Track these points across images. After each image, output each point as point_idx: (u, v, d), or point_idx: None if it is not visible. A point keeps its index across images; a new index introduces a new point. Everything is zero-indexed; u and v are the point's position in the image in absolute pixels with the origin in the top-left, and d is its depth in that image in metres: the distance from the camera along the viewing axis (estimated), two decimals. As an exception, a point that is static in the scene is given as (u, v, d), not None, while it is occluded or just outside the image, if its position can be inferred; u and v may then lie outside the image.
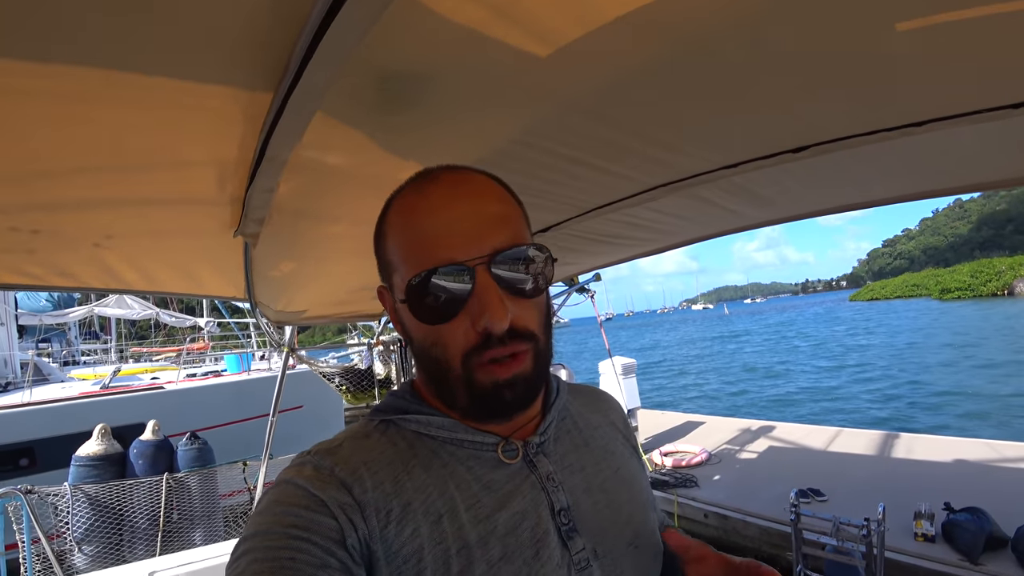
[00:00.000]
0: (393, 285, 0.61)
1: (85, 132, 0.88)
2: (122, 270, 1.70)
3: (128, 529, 4.61)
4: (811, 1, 0.66)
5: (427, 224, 0.56)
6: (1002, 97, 0.87)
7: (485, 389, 0.56)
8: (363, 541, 0.52)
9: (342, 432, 0.62)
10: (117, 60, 0.69)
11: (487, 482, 0.58)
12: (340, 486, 0.53)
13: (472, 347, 0.55)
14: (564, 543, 0.57)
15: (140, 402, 7.54)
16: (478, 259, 0.54)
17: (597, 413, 0.75)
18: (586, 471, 0.65)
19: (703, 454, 6.93)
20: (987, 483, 5.38)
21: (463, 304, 0.54)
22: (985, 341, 26.14)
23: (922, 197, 1.48)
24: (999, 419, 12.02)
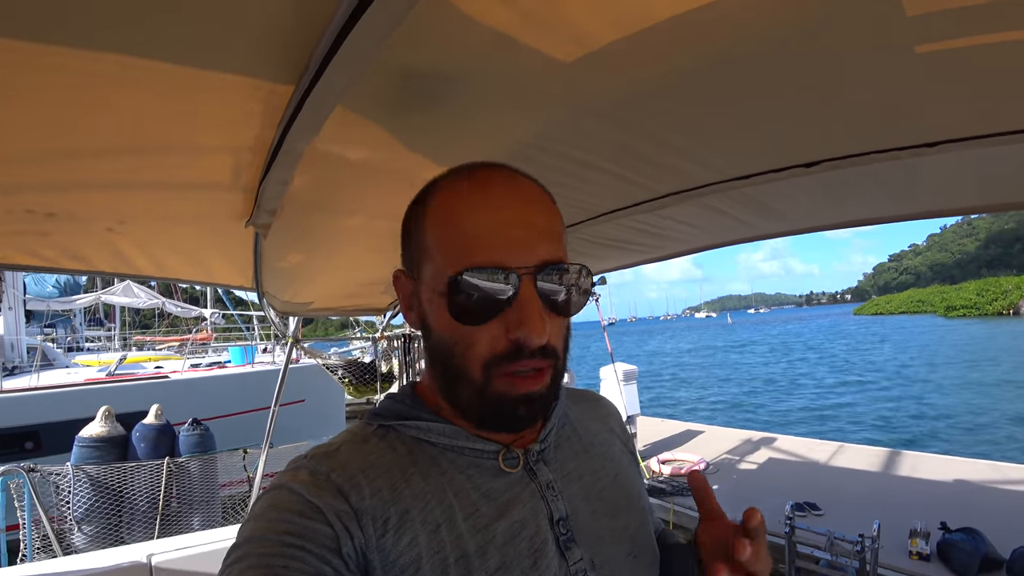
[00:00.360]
0: (422, 273, 0.58)
1: (104, 116, 0.89)
2: (133, 255, 1.72)
3: (127, 511, 4.64)
4: (833, 24, 0.67)
5: (478, 220, 0.54)
6: (1014, 122, 0.88)
7: (500, 401, 0.54)
8: (359, 550, 0.51)
9: (339, 436, 0.61)
10: (140, 47, 0.70)
11: (486, 491, 0.57)
12: (336, 493, 0.52)
13: (497, 355, 0.53)
14: (562, 553, 0.57)
15: (146, 390, 7.64)
16: (526, 268, 0.53)
17: (596, 420, 0.74)
18: (585, 479, 0.64)
19: (701, 463, 6.92)
20: (984, 504, 5.36)
21: (501, 310, 0.53)
22: (989, 360, 25.97)
23: (930, 216, 1.48)
24: (998, 439, 11.97)
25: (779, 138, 1.07)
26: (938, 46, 0.68)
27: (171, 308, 13.81)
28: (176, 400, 7.46)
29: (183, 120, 0.94)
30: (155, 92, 0.83)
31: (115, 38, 0.67)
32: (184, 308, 14.22)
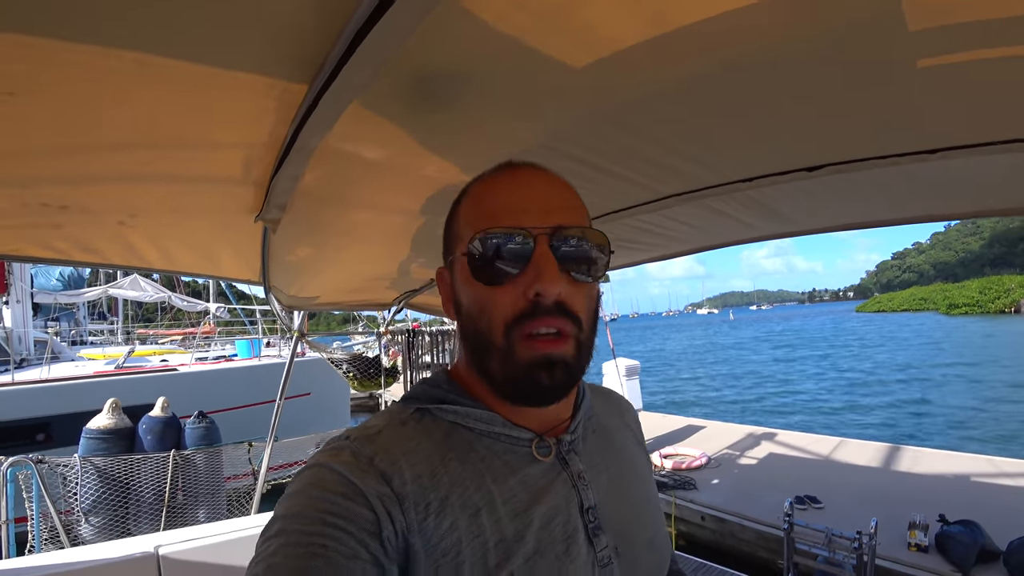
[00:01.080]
0: (455, 256, 0.62)
1: (120, 111, 0.91)
2: (143, 248, 1.74)
3: (134, 502, 4.69)
4: (840, 37, 0.69)
5: (500, 196, 0.59)
6: (1010, 132, 0.90)
7: (522, 367, 0.55)
8: (400, 534, 0.51)
9: (377, 418, 0.62)
10: (159, 45, 0.71)
11: (523, 476, 0.58)
12: (379, 477, 0.53)
13: (518, 314, 0.55)
14: (590, 540, 0.58)
15: (154, 382, 7.74)
16: (541, 228, 0.56)
17: (614, 415, 0.77)
18: (610, 471, 0.66)
19: (703, 458, 6.97)
20: (982, 497, 5.42)
21: (520, 269, 0.55)
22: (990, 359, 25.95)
23: (929, 220, 1.50)
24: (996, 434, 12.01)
25: (783, 143, 1.08)
26: (938, 60, 0.71)
27: (177, 302, 13.80)
28: (184, 393, 7.55)
29: (197, 116, 0.96)
30: (171, 89, 0.84)
31: (134, 35, 0.68)
32: (190, 302, 14.21)
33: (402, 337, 3.87)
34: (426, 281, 2.93)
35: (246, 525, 2.25)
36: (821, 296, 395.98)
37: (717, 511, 5.51)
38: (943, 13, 0.63)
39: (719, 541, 5.38)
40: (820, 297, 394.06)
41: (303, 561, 0.45)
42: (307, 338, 3.47)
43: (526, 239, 0.55)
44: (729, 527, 5.34)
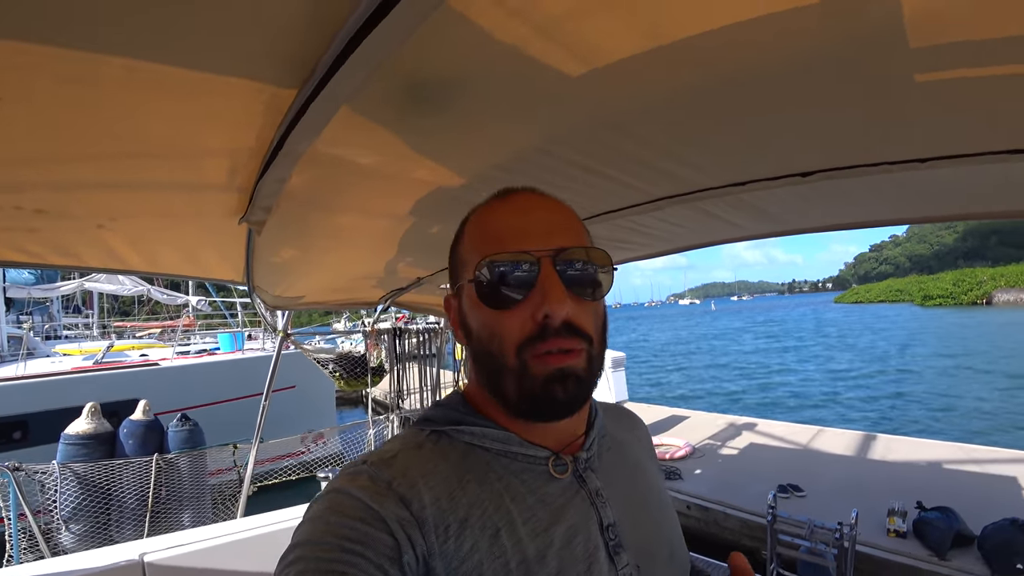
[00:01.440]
0: (462, 283, 0.63)
1: (101, 116, 0.88)
2: (124, 251, 1.70)
3: (116, 508, 4.60)
4: (838, 51, 0.69)
5: (503, 222, 0.61)
6: (1000, 143, 0.92)
7: (537, 382, 0.56)
8: (421, 558, 0.51)
9: (393, 442, 0.62)
10: (148, 50, 0.69)
11: (541, 495, 0.58)
12: (398, 501, 0.53)
13: (528, 337, 0.56)
14: (611, 558, 0.58)
15: (135, 378, 7.57)
16: (544, 251, 0.57)
17: (626, 431, 0.77)
18: (627, 488, 0.66)
19: (687, 448, 7.06)
20: (958, 484, 5.57)
21: (526, 293, 0.56)
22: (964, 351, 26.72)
23: (919, 222, 1.53)
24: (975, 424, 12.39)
25: (778, 150, 1.09)
26: (935, 76, 0.71)
27: (156, 295, 13.42)
28: (166, 388, 7.43)
29: (185, 122, 0.93)
30: (160, 94, 0.82)
31: (126, 42, 0.66)
32: (170, 295, 13.82)
33: (387, 335, 3.84)
34: (412, 280, 2.91)
35: (232, 530, 2.21)
36: (800, 287, 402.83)
37: (702, 500, 5.58)
38: (943, 32, 0.64)
39: (704, 530, 5.46)
40: (800, 288, 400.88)
41: None
42: (292, 337, 3.43)
43: (531, 262, 0.57)
44: (713, 515, 5.43)
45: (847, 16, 0.63)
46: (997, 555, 3.86)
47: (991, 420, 12.74)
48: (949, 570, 3.99)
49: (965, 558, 4.06)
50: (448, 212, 1.57)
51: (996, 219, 1.39)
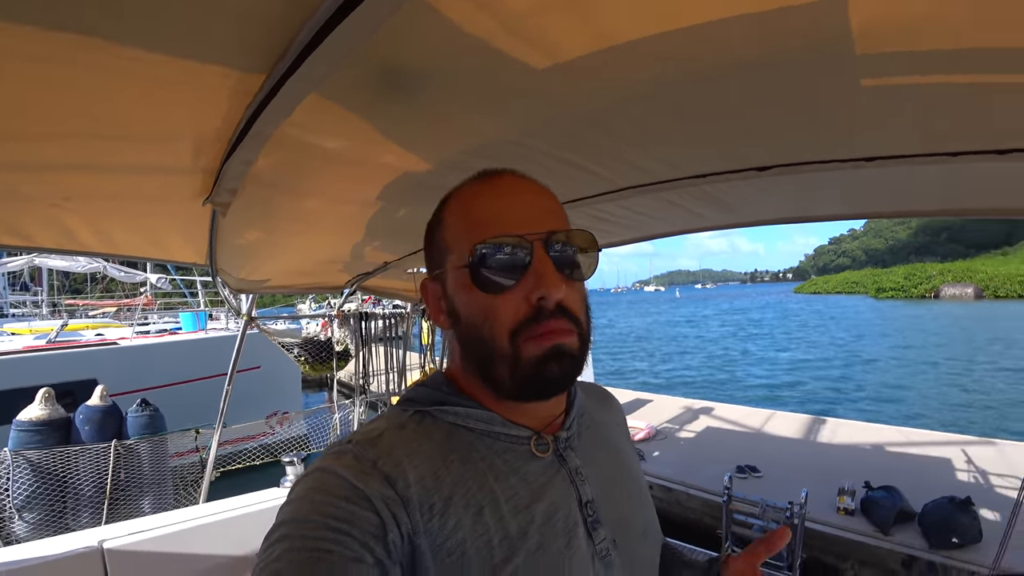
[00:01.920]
0: (447, 265, 0.63)
1: (60, 96, 0.86)
2: (80, 231, 1.64)
3: (72, 496, 4.46)
4: (791, 54, 0.73)
5: (491, 205, 0.61)
6: (941, 146, 0.99)
7: (531, 363, 0.57)
8: (406, 536, 0.52)
9: (377, 422, 0.62)
10: (109, 32, 0.68)
11: (523, 474, 0.59)
12: (383, 480, 0.53)
13: (522, 320, 0.57)
14: (589, 534, 0.60)
15: (93, 357, 7.22)
16: (537, 234, 0.58)
17: (602, 409, 0.78)
18: (604, 466, 0.68)
19: (649, 430, 7.25)
20: (902, 464, 5.94)
21: (520, 276, 0.57)
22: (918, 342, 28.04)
23: (867, 217, 1.63)
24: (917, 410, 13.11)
25: (737, 145, 1.14)
26: (880, 81, 0.76)
27: (113, 272, 12.63)
28: (126, 368, 7.15)
29: (146, 103, 0.91)
30: (122, 76, 0.80)
31: (89, 24, 0.65)
32: (128, 272, 12.94)
33: (353, 320, 3.82)
34: (379, 264, 2.89)
35: (195, 515, 2.19)
36: (762, 277, 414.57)
37: (664, 481, 5.77)
38: (887, 42, 0.68)
39: (666, 510, 5.65)
40: (761, 278, 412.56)
41: (308, 566, 0.46)
42: (257, 322, 3.37)
43: (523, 246, 0.57)
44: (675, 496, 5.62)
45: (799, 23, 0.66)
46: (935, 530, 4.16)
47: (933, 406, 13.52)
48: (892, 544, 4.28)
49: (906, 533, 4.36)
50: (415, 197, 1.57)
51: (937, 216, 1.48)
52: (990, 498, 4.94)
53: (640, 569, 0.65)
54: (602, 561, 0.60)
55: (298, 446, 5.79)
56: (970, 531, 4.07)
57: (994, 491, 5.16)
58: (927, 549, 4.15)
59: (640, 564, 0.65)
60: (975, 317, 42.87)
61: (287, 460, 2.54)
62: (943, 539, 4.09)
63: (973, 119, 0.91)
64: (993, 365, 19.29)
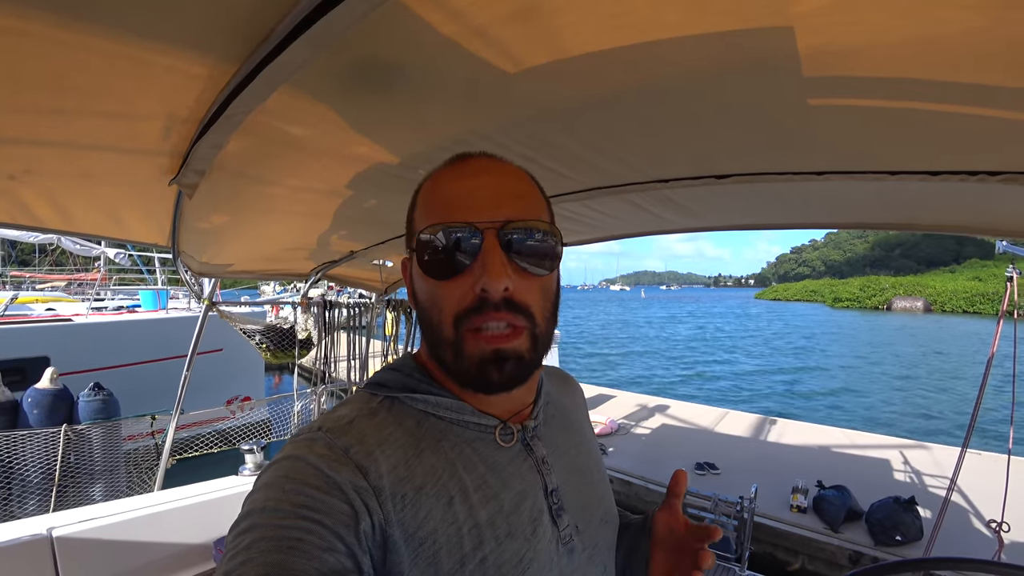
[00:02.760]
0: (413, 248, 0.61)
1: (27, 68, 0.85)
2: (37, 206, 1.59)
3: (18, 483, 4.25)
4: (745, 71, 0.79)
5: (451, 188, 0.59)
6: (877, 165, 1.07)
7: (472, 361, 0.56)
8: (378, 526, 0.51)
9: (347, 407, 0.61)
10: (86, 7, 0.68)
11: (491, 463, 0.60)
12: (355, 469, 0.52)
13: (465, 308, 0.55)
14: (554, 520, 0.61)
15: (44, 334, 6.76)
16: (489, 223, 0.55)
17: (567, 396, 0.79)
18: (569, 454, 0.69)
19: (611, 424, 7.37)
20: (853, 465, 6.21)
21: (467, 264, 0.55)
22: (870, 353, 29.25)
23: (819, 227, 1.73)
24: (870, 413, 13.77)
25: (697, 152, 1.20)
26: (825, 102, 0.83)
27: (67, 244, 11.62)
28: (80, 347, 6.73)
29: (118, 81, 0.91)
30: (93, 53, 0.79)
31: None
32: (84, 246, 11.86)
33: (317, 308, 3.78)
34: (345, 253, 2.88)
35: (149, 503, 2.14)
36: (725, 282, 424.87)
37: (624, 475, 5.88)
38: (831, 67, 0.74)
39: (627, 503, 5.76)
40: (725, 282, 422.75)
41: (278, 555, 0.45)
42: (219, 307, 3.30)
43: (474, 233, 0.55)
44: (636, 490, 5.74)
45: (750, 43, 0.72)
46: (881, 528, 4.40)
47: (884, 411, 14.22)
48: (840, 541, 4.50)
49: (854, 531, 4.59)
50: (385, 188, 1.59)
51: (880, 229, 1.59)
52: (925, 497, 5.24)
53: (600, 552, 0.67)
54: (565, 547, 0.61)
55: (259, 432, 5.64)
56: (912, 529, 4.31)
57: (928, 491, 5.48)
58: (873, 546, 4.38)
59: (600, 547, 0.67)
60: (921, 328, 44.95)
61: (246, 448, 2.51)
62: (888, 536, 4.33)
63: (907, 141, 0.99)
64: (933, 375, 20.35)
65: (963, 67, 0.72)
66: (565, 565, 0.61)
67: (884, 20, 0.64)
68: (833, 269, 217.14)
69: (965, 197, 1.28)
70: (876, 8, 0.62)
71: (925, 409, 14.39)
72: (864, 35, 0.68)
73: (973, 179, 1.06)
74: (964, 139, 0.96)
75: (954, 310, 70.22)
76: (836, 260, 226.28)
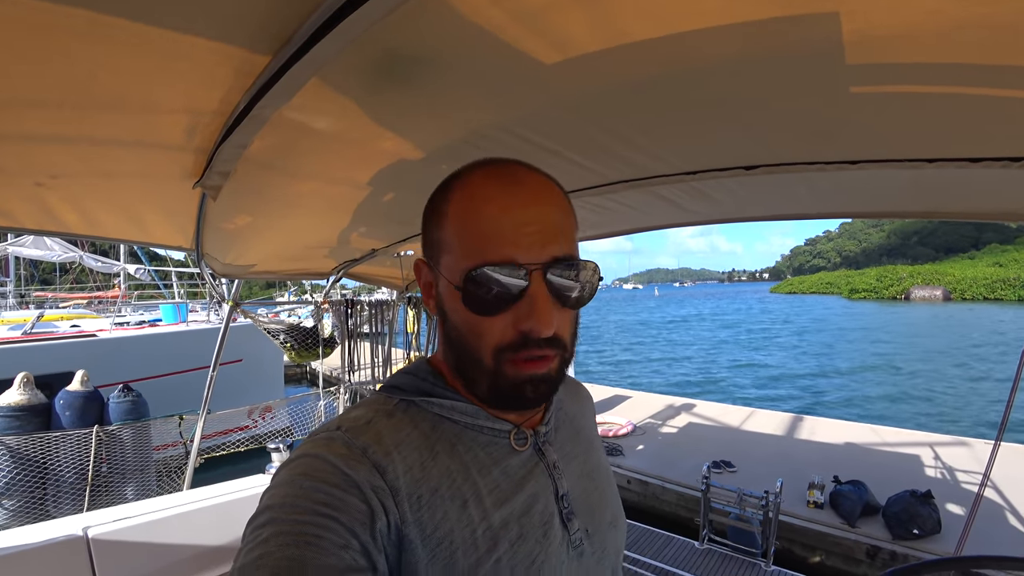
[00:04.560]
0: (441, 264, 0.61)
1: (56, 67, 0.85)
2: (62, 211, 1.61)
3: (53, 483, 4.35)
4: (785, 58, 0.77)
5: (496, 218, 0.56)
6: (920, 152, 1.04)
7: (509, 384, 0.57)
8: (394, 526, 0.52)
9: (364, 409, 0.62)
10: (116, 3, 0.68)
11: (504, 467, 0.61)
12: (373, 468, 0.53)
13: (507, 344, 0.56)
14: (564, 524, 0.62)
15: (71, 350, 7.04)
16: (536, 264, 0.55)
17: (577, 403, 0.80)
18: (579, 459, 0.70)
19: (629, 426, 7.36)
20: (869, 460, 6.14)
21: (512, 303, 0.55)
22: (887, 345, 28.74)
23: (848, 217, 1.69)
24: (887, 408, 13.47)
25: (726, 143, 1.17)
26: (868, 89, 0.80)
27: (89, 262, 11.93)
28: (105, 361, 6.96)
29: (145, 77, 0.90)
30: (121, 49, 0.79)
31: None
32: (104, 263, 12.24)
33: (339, 308, 3.79)
34: (366, 251, 2.89)
35: (179, 502, 2.17)
36: (739, 276, 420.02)
37: (641, 475, 5.88)
38: (877, 53, 0.72)
39: (643, 503, 5.77)
40: (738, 277, 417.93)
41: (295, 550, 0.45)
42: (242, 307, 3.33)
43: (521, 274, 0.55)
44: (652, 489, 5.73)
45: (795, 31, 0.70)
46: (897, 522, 4.34)
47: (901, 405, 13.92)
48: (857, 536, 4.44)
49: (871, 525, 4.53)
50: (405, 184, 1.58)
51: (910, 218, 1.54)
52: (953, 492, 5.15)
53: (608, 556, 0.68)
54: (575, 550, 0.62)
55: (283, 435, 5.73)
56: (929, 522, 4.25)
57: (959, 486, 5.38)
58: (890, 540, 4.32)
59: (608, 551, 0.68)
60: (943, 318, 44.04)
61: (272, 447, 2.53)
62: (905, 530, 4.27)
63: (950, 128, 0.95)
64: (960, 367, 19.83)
65: (1013, 49, 0.69)
66: (575, 568, 0.62)
67: (930, 3, 0.61)
68: (849, 260, 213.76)
69: (1004, 183, 1.23)
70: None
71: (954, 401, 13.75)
72: (910, 20, 0.65)
73: (1016, 165, 1.02)
74: (1011, 124, 0.92)
75: (974, 297, 68.70)
76: (851, 251, 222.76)
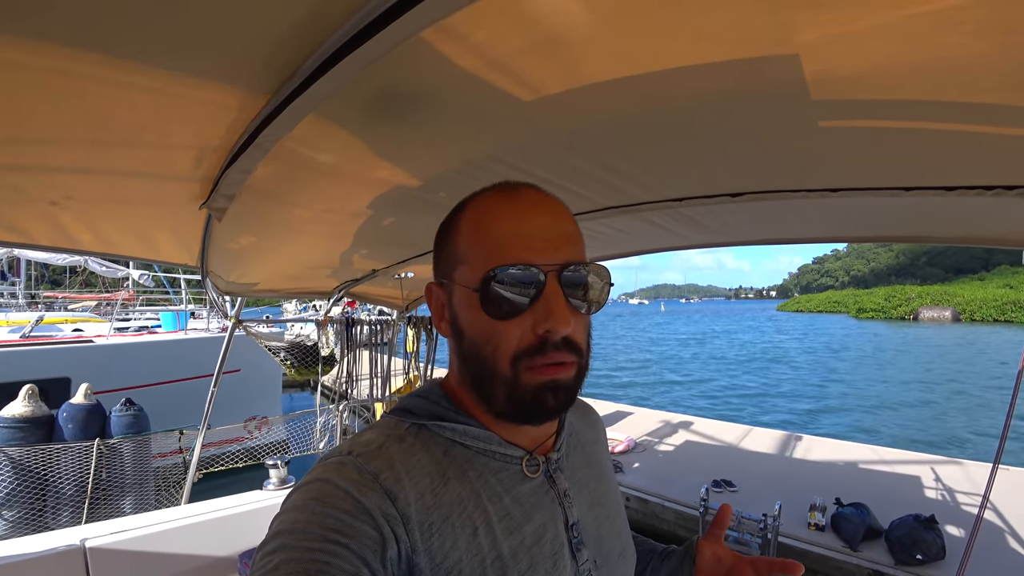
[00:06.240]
0: (455, 278, 0.61)
1: (74, 106, 0.90)
2: (76, 230, 1.67)
3: (52, 495, 4.37)
4: (755, 94, 0.82)
5: (509, 225, 0.58)
6: (895, 181, 1.08)
7: (528, 391, 0.57)
8: (404, 554, 0.52)
9: (375, 432, 0.61)
10: (128, 49, 0.73)
11: (515, 495, 0.60)
12: (384, 495, 0.53)
13: (525, 349, 0.56)
14: (574, 555, 0.62)
15: (67, 355, 6.97)
16: (552, 265, 0.56)
17: (589, 428, 0.79)
18: (590, 487, 0.70)
19: (628, 442, 7.28)
20: (872, 481, 6.06)
21: (528, 305, 0.56)
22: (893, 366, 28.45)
23: (836, 241, 1.73)
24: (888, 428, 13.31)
25: (711, 172, 1.22)
26: (836, 123, 0.85)
27: (95, 266, 11.87)
28: (102, 367, 6.91)
29: (155, 115, 0.96)
30: (133, 89, 0.84)
31: (104, 38, 0.70)
32: (110, 267, 12.11)
33: (339, 326, 3.84)
34: (367, 271, 2.94)
35: (177, 516, 2.19)
36: (746, 293, 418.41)
37: (640, 492, 5.80)
38: (841, 91, 0.77)
39: (642, 520, 5.70)
40: (745, 294, 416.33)
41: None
42: (245, 325, 3.38)
43: (537, 275, 0.56)
44: (651, 507, 5.67)
45: (759, 70, 0.74)
46: (901, 547, 4.27)
47: (903, 426, 13.76)
48: (859, 560, 4.37)
49: (874, 550, 4.46)
50: (405, 208, 1.63)
51: (897, 243, 1.58)
52: (954, 515, 5.08)
53: None
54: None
55: (280, 449, 5.72)
56: (933, 548, 4.17)
57: (960, 509, 5.31)
58: (893, 565, 4.25)
59: None
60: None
61: (271, 463, 2.55)
62: (908, 555, 4.20)
63: (920, 159, 1.00)
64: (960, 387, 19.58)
65: (970, 88, 0.73)
66: None
67: (887, 48, 0.66)
68: (857, 279, 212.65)
69: (984, 210, 1.27)
70: (878, 38, 0.64)
71: (954, 423, 13.70)
72: (869, 62, 0.70)
73: (989, 193, 1.06)
74: (977, 155, 0.96)
75: (984, 319, 68.07)
76: (859, 270, 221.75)
